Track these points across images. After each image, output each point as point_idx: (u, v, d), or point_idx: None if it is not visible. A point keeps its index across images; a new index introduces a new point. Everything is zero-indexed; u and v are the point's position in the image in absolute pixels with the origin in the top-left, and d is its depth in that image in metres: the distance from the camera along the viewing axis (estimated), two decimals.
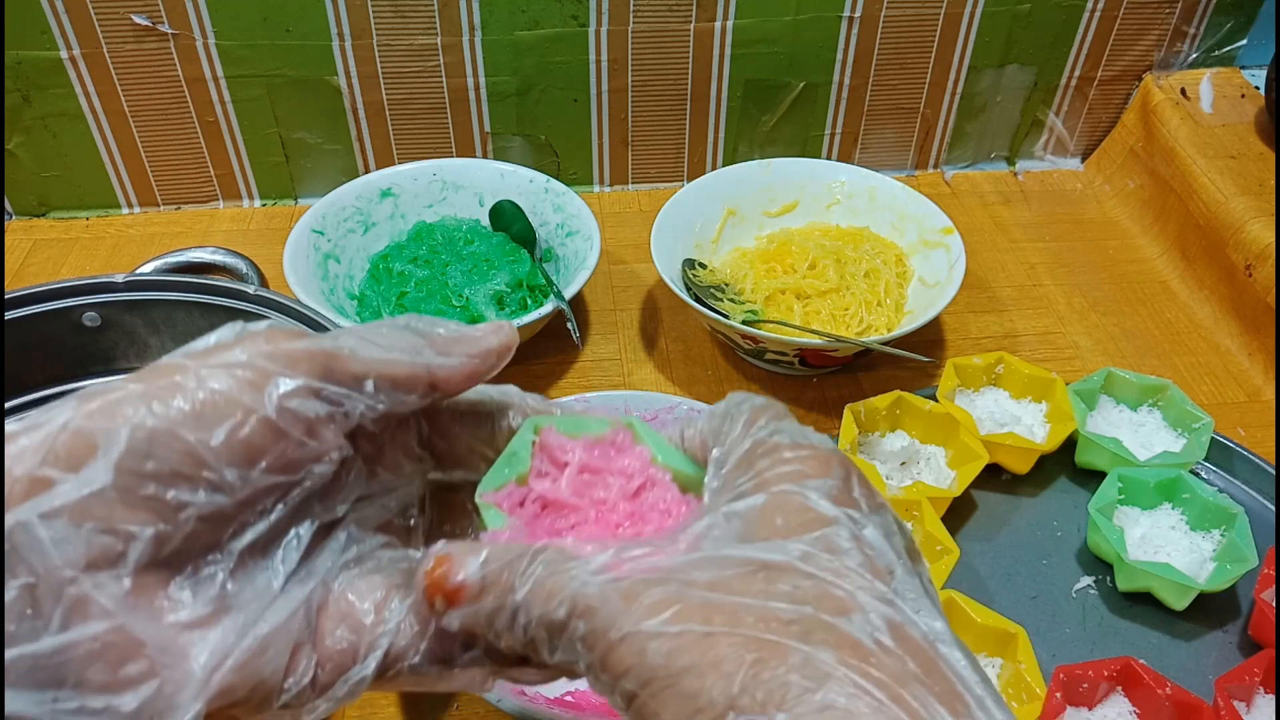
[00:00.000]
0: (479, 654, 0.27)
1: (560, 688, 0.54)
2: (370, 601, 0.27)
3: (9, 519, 0.22)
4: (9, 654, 0.22)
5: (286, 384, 0.25)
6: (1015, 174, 1.02)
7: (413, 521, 0.31)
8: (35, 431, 0.23)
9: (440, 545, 0.27)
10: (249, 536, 0.26)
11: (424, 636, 0.27)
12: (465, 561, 0.26)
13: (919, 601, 0.24)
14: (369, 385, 0.27)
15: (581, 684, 0.54)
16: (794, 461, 0.26)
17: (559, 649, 0.25)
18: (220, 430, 0.24)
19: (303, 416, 0.25)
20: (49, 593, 0.22)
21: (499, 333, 0.30)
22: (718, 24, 0.88)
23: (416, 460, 0.31)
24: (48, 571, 0.22)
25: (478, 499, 0.29)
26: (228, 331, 0.27)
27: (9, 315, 0.66)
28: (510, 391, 0.33)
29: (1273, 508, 0.65)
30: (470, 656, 0.27)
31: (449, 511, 0.33)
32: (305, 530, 0.27)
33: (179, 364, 0.26)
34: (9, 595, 0.22)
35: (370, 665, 0.26)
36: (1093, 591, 0.61)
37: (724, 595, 0.23)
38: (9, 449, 0.23)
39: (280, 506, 0.26)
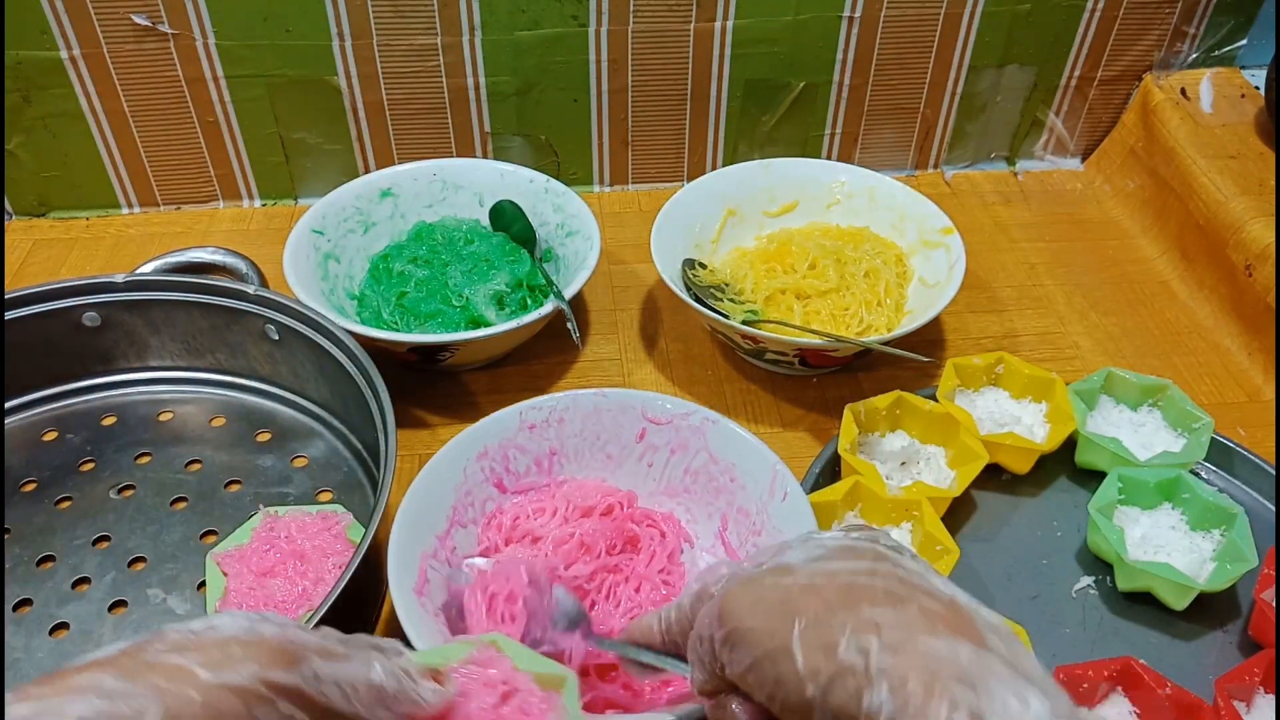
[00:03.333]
0: None
1: None
2: None
3: None
4: None
5: (277, 708, 0.31)
6: (1015, 174, 1.02)
7: None
8: None
9: None
10: None
11: None
12: None
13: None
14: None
15: None
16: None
17: None
18: None
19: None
20: None
21: (437, 695, 0.37)
22: (718, 24, 0.88)
23: None
24: None
25: None
26: (231, 624, 0.33)
27: (9, 315, 0.66)
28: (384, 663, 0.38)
29: (1273, 508, 0.65)
30: None
31: None
32: None
33: (187, 672, 0.30)
34: None
35: None
36: (1093, 591, 0.61)
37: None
38: None
39: None
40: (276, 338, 0.68)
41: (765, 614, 0.33)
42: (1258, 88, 0.96)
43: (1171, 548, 0.61)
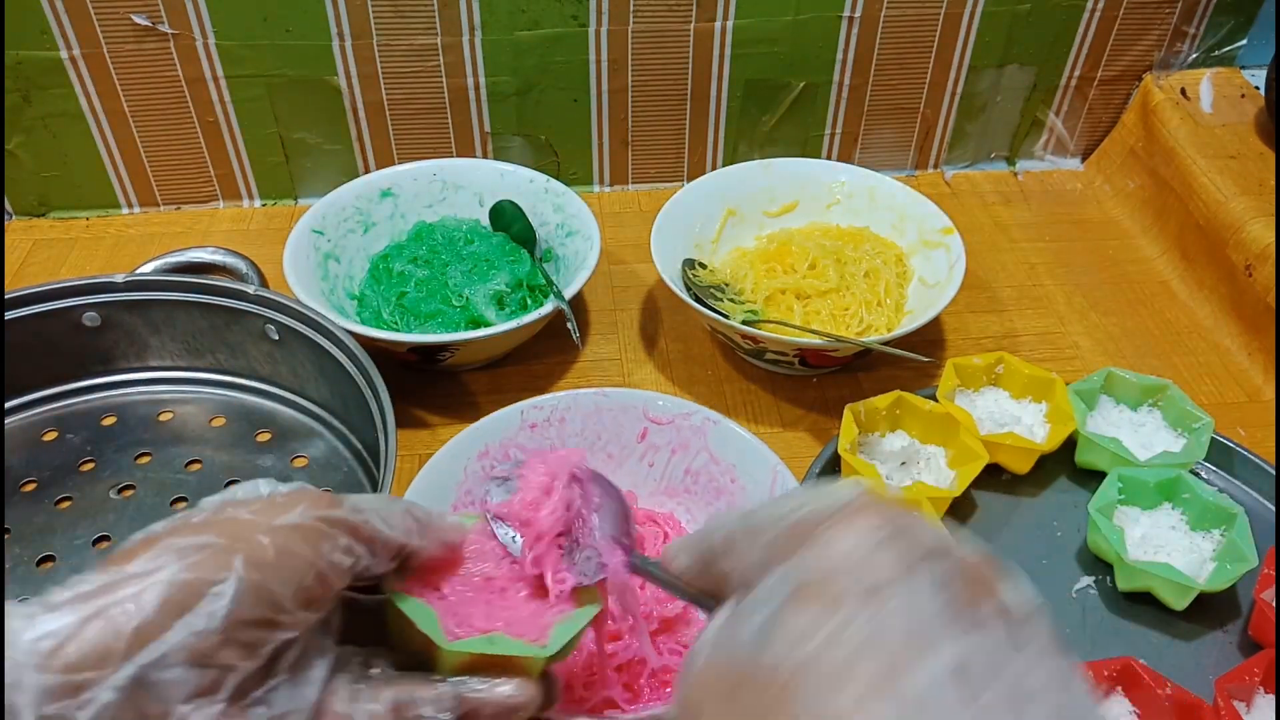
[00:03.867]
0: None
1: None
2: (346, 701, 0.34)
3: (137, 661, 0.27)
4: None
5: (338, 542, 0.33)
6: (1015, 174, 1.02)
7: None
8: (145, 579, 0.28)
9: None
10: (289, 661, 0.32)
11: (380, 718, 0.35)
12: None
13: None
14: (376, 549, 0.35)
15: None
16: None
17: None
18: (294, 581, 0.31)
19: (340, 568, 0.33)
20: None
21: (459, 530, 0.40)
22: (718, 24, 0.88)
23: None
24: (166, 706, 0.28)
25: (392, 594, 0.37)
26: (266, 488, 0.35)
27: (9, 315, 0.66)
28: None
29: (1273, 508, 0.65)
30: None
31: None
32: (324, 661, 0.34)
33: (253, 521, 0.32)
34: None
35: None
36: (1093, 591, 0.61)
37: None
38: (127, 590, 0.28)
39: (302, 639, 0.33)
40: (276, 338, 0.68)
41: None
42: (1258, 88, 0.96)
43: (1171, 548, 0.61)
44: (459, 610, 0.38)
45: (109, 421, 0.70)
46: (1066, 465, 0.68)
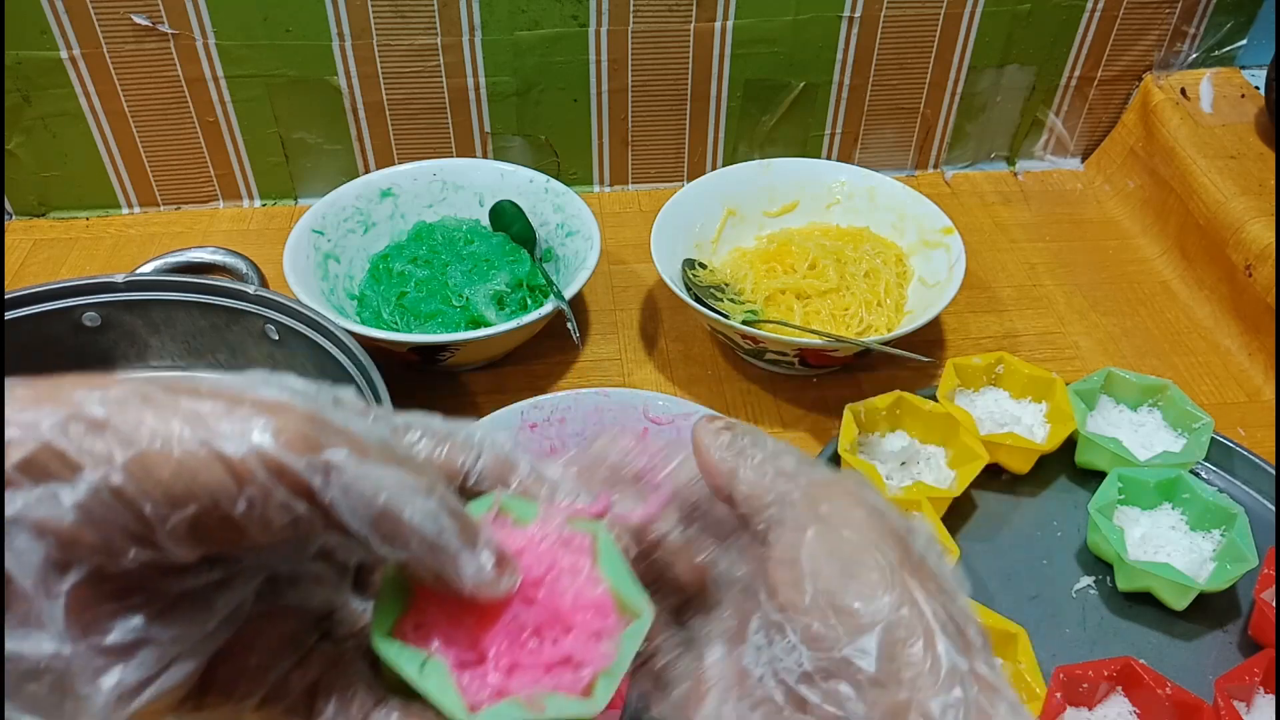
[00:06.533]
0: None
1: None
2: (261, 649, 0.27)
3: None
4: None
5: (273, 495, 0.24)
6: (1015, 174, 1.02)
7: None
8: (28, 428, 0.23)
9: None
10: (186, 584, 0.25)
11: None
12: None
13: None
14: (344, 531, 0.25)
15: None
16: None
17: None
18: (181, 508, 0.23)
19: (268, 525, 0.24)
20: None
21: (486, 580, 0.28)
22: (718, 24, 0.88)
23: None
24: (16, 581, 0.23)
25: (376, 645, 0.27)
26: (263, 383, 0.26)
27: (9, 315, 0.66)
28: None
29: (1273, 508, 0.65)
30: None
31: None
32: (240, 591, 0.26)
33: (180, 411, 0.24)
34: None
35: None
36: (1093, 591, 0.61)
37: None
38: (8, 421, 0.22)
39: (224, 567, 0.26)
40: (276, 338, 0.68)
41: None
42: (1258, 88, 0.96)
43: (1171, 548, 0.61)
44: (469, 641, 0.27)
45: None
46: (1066, 465, 0.68)
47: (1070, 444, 0.67)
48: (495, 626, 0.27)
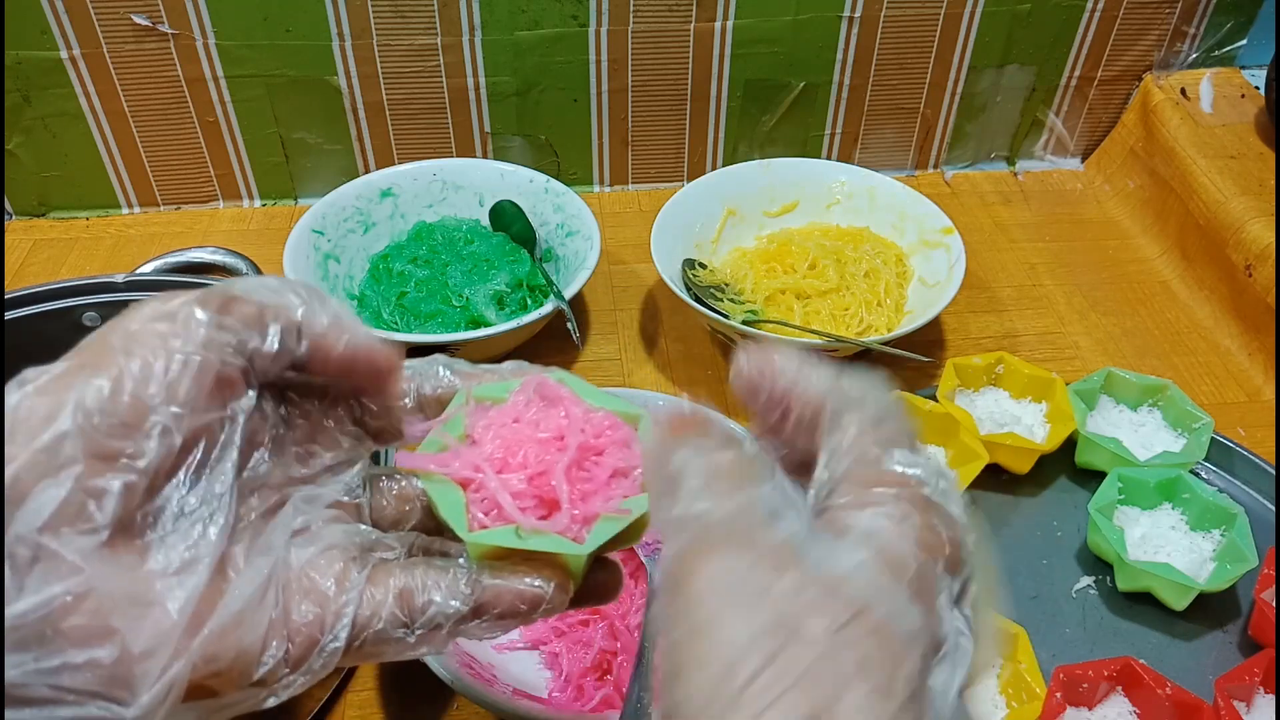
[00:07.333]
0: (437, 614, 0.30)
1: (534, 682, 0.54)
2: (330, 576, 0.29)
3: None
4: None
5: (201, 319, 0.28)
6: (1015, 174, 1.02)
7: (359, 500, 0.33)
8: None
9: None
10: (196, 482, 0.28)
11: (385, 605, 0.29)
12: None
13: None
14: (264, 321, 0.30)
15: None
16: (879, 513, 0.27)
17: None
18: (157, 380, 0.27)
19: (220, 344, 0.28)
20: (23, 556, 0.24)
21: (386, 354, 0.33)
22: (718, 24, 0.88)
23: (353, 438, 0.33)
24: (17, 536, 0.24)
25: (403, 465, 0.32)
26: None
27: (9, 315, 0.66)
28: (437, 359, 0.35)
29: (1273, 508, 0.65)
30: (430, 617, 0.30)
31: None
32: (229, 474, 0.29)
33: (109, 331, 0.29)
34: None
35: (341, 635, 0.28)
36: (1093, 591, 0.61)
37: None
38: None
39: (217, 456, 0.28)
40: None
41: None
42: (1258, 88, 0.96)
43: (1171, 548, 0.61)
44: (539, 502, 0.31)
45: None
46: (1066, 465, 0.68)
47: (1070, 444, 0.67)
48: (549, 478, 0.31)
